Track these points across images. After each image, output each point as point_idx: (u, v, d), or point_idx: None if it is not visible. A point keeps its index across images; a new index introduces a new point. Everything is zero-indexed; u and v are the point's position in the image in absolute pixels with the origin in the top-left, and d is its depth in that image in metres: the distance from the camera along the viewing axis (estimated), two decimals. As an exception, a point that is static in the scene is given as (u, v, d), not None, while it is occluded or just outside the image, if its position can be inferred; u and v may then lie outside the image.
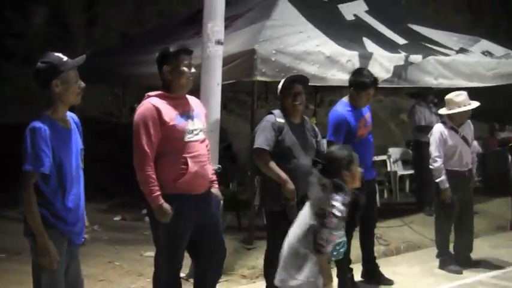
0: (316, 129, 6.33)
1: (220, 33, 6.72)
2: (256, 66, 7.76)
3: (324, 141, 6.65)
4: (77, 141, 4.28)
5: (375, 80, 6.98)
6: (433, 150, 7.69)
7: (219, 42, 6.68)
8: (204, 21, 6.73)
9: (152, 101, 4.91)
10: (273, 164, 5.78)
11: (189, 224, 5.00)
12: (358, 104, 6.87)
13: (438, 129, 7.75)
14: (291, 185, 5.74)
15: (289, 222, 5.81)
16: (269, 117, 5.94)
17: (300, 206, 5.87)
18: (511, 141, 9.06)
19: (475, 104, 7.65)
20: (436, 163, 7.64)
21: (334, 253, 5.90)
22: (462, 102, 7.62)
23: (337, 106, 6.94)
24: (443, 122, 7.82)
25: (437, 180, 7.66)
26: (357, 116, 6.84)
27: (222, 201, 7.87)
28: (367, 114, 7.07)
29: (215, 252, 5.23)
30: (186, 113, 5.01)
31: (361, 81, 6.81)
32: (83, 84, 4.20)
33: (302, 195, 5.91)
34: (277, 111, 5.98)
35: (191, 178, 4.91)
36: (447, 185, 7.58)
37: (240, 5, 10.19)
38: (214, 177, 5.34)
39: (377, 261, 7.67)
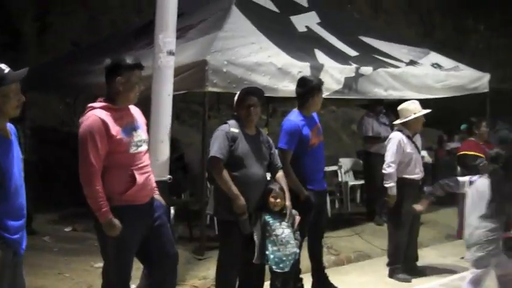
0: (271, 141, 6.37)
1: (172, 44, 6.71)
2: (208, 77, 7.81)
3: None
4: (18, 151, 4.22)
5: (320, 81, 7.13)
6: (389, 156, 7.81)
7: (170, 53, 6.67)
8: (155, 31, 6.71)
9: (98, 114, 4.83)
10: (226, 175, 5.79)
11: (137, 234, 4.99)
12: (311, 110, 6.96)
13: (397, 136, 7.88)
14: (241, 201, 5.76)
15: (241, 232, 5.85)
16: (223, 126, 6.00)
17: (252, 217, 5.93)
18: (458, 151, 9.18)
19: (427, 110, 7.91)
20: (390, 168, 7.77)
21: (281, 265, 5.97)
22: (416, 109, 7.88)
23: (290, 115, 6.98)
24: (400, 131, 7.94)
25: (386, 185, 7.79)
26: (310, 124, 6.91)
27: (173, 211, 7.91)
28: (318, 124, 7.14)
29: (168, 256, 5.20)
30: (130, 124, 4.98)
31: (310, 87, 6.91)
32: (23, 98, 4.10)
33: (253, 207, 5.97)
34: (232, 122, 6.03)
35: (138, 190, 4.91)
36: (395, 191, 7.73)
37: (193, 15, 10.19)
38: (155, 184, 5.30)
39: (327, 270, 7.72)
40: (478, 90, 11.36)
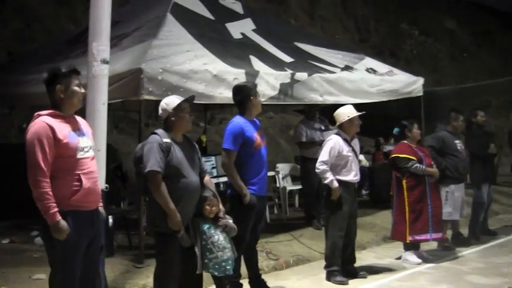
0: (197, 146, 6.37)
1: (106, 52, 6.68)
2: (143, 85, 7.79)
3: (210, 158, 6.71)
4: None
5: (254, 84, 7.31)
6: (323, 154, 7.94)
7: (104, 61, 6.63)
8: (89, 40, 6.67)
9: (45, 119, 4.89)
10: (164, 190, 5.70)
11: (84, 240, 5.00)
12: (252, 113, 7.06)
13: (334, 138, 8.02)
14: (177, 218, 5.71)
15: (178, 241, 5.83)
16: (154, 137, 5.86)
17: (189, 228, 5.93)
18: (391, 154, 9.35)
19: (360, 112, 8.06)
20: (322, 166, 7.90)
21: (222, 269, 6.00)
22: (350, 113, 8.05)
23: (234, 118, 7.06)
24: (338, 134, 8.07)
25: (326, 182, 7.90)
26: (255, 126, 7.04)
27: (111, 220, 7.86)
28: (261, 130, 7.24)
29: (89, 281, 5.19)
30: (76, 131, 5.04)
31: (245, 92, 7.03)
32: None
33: (190, 216, 5.97)
34: (160, 131, 5.93)
35: (85, 194, 4.94)
36: (337, 184, 7.84)
37: (128, 24, 10.16)
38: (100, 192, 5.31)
39: (267, 275, 7.79)
40: (413, 94, 11.56)
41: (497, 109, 26.95)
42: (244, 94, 7.03)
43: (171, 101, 6.01)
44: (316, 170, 7.99)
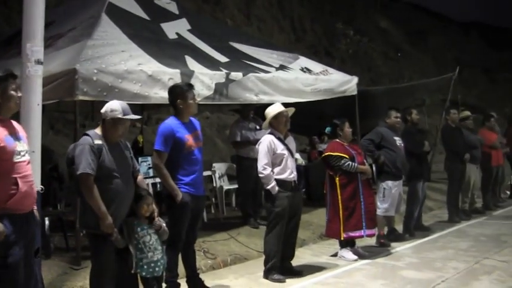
0: (129, 146, 6.37)
1: (40, 52, 6.61)
2: (78, 86, 7.73)
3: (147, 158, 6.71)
4: None
5: (189, 85, 7.29)
6: (262, 158, 7.97)
7: (38, 62, 6.56)
8: (23, 40, 6.59)
9: None
10: (96, 193, 5.68)
11: (21, 242, 4.95)
12: (186, 114, 7.06)
13: (267, 138, 8.06)
14: (109, 221, 5.70)
15: (113, 244, 5.82)
16: (85, 139, 5.84)
17: (123, 228, 5.92)
18: (324, 153, 9.49)
19: (287, 108, 8.18)
20: (266, 170, 7.93)
21: (150, 270, 6.01)
22: (275, 109, 8.16)
23: (167, 119, 7.09)
24: (271, 134, 8.15)
25: (268, 187, 7.96)
26: (188, 128, 7.04)
27: (47, 222, 7.78)
28: (198, 131, 7.25)
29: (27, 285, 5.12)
30: (12, 134, 4.99)
31: (177, 93, 7.05)
32: None
33: (123, 216, 5.97)
34: (92, 133, 5.91)
35: (21, 198, 4.90)
36: (277, 189, 7.91)
37: (62, 24, 10.06)
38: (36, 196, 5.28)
39: (204, 274, 7.81)
40: (347, 93, 11.69)
41: (431, 107, 27.53)
42: (174, 96, 7.07)
43: (115, 108, 5.97)
44: (260, 175, 8.01)
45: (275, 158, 8.01)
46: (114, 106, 5.99)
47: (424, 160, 11.26)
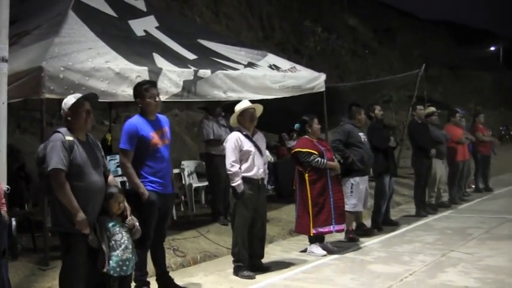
0: (100, 145, 6.33)
1: (5, 50, 6.57)
2: (44, 84, 7.66)
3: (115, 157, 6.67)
4: None
5: (151, 82, 7.28)
6: (230, 155, 7.99)
7: (3, 60, 6.53)
8: (-13, 38, 6.56)
9: None
10: (67, 189, 5.63)
11: None
12: (149, 112, 7.01)
13: (234, 135, 8.09)
14: (82, 216, 5.65)
15: (85, 243, 5.78)
16: (57, 136, 5.78)
17: (96, 227, 5.89)
18: (293, 149, 9.53)
19: (251, 105, 8.20)
20: (234, 168, 7.94)
21: (118, 269, 5.99)
22: (240, 106, 8.22)
23: (132, 117, 7.06)
24: (239, 131, 8.16)
25: (233, 184, 7.97)
26: (154, 126, 7.01)
27: (14, 222, 7.70)
28: (166, 128, 7.21)
29: None
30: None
31: (138, 91, 7.04)
32: None
33: (96, 215, 5.93)
34: (63, 130, 5.84)
35: None
36: (242, 187, 7.93)
37: (28, 21, 9.97)
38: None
39: (174, 272, 7.81)
40: (315, 90, 11.71)
41: (398, 104, 27.80)
42: (137, 93, 7.06)
43: (67, 100, 5.95)
44: (228, 172, 8.03)
45: (242, 155, 8.03)
46: (65, 100, 5.99)
47: (390, 155, 11.35)
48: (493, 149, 17.03)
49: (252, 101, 8.56)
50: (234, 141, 8.02)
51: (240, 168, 8.00)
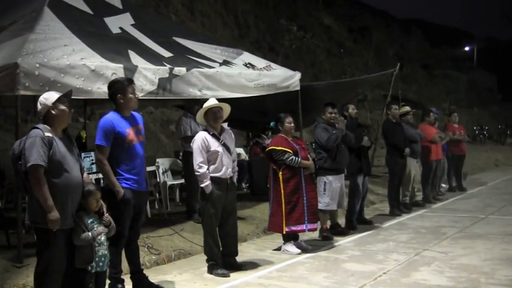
0: (75, 143, 6.32)
1: (-20, 47, 6.56)
2: (19, 80, 7.62)
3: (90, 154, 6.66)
4: None
5: (128, 79, 7.28)
6: (197, 156, 8.02)
7: (-23, 56, 6.51)
8: (-39, 35, 6.53)
9: None
10: (45, 185, 5.63)
11: None
12: (125, 109, 7.01)
13: (200, 135, 8.11)
14: (55, 214, 5.64)
15: (62, 239, 5.76)
16: (36, 132, 5.77)
17: (76, 223, 5.89)
18: (267, 147, 9.56)
19: (212, 104, 8.19)
20: (202, 169, 7.97)
21: (93, 264, 6.01)
22: (207, 105, 8.22)
23: (107, 114, 7.03)
24: (205, 130, 8.18)
25: (202, 186, 8.00)
26: (129, 122, 7.01)
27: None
28: (140, 125, 7.21)
29: None
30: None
31: (115, 88, 7.03)
32: None
33: (74, 211, 5.93)
34: (42, 126, 5.84)
35: None
36: (210, 188, 7.95)
37: (3, 17, 9.91)
38: None
39: (148, 270, 7.81)
40: (290, 88, 11.71)
41: (372, 103, 27.97)
42: (114, 91, 7.03)
43: (50, 96, 5.96)
44: (196, 173, 8.05)
45: (209, 156, 8.06)
46: (46, 95, 6.01)
47: (364, 154, 11.42)
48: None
49: (225, 100, 8.58)
50: (200, 141, 8.04)
51: (208, 169, 8.03)
